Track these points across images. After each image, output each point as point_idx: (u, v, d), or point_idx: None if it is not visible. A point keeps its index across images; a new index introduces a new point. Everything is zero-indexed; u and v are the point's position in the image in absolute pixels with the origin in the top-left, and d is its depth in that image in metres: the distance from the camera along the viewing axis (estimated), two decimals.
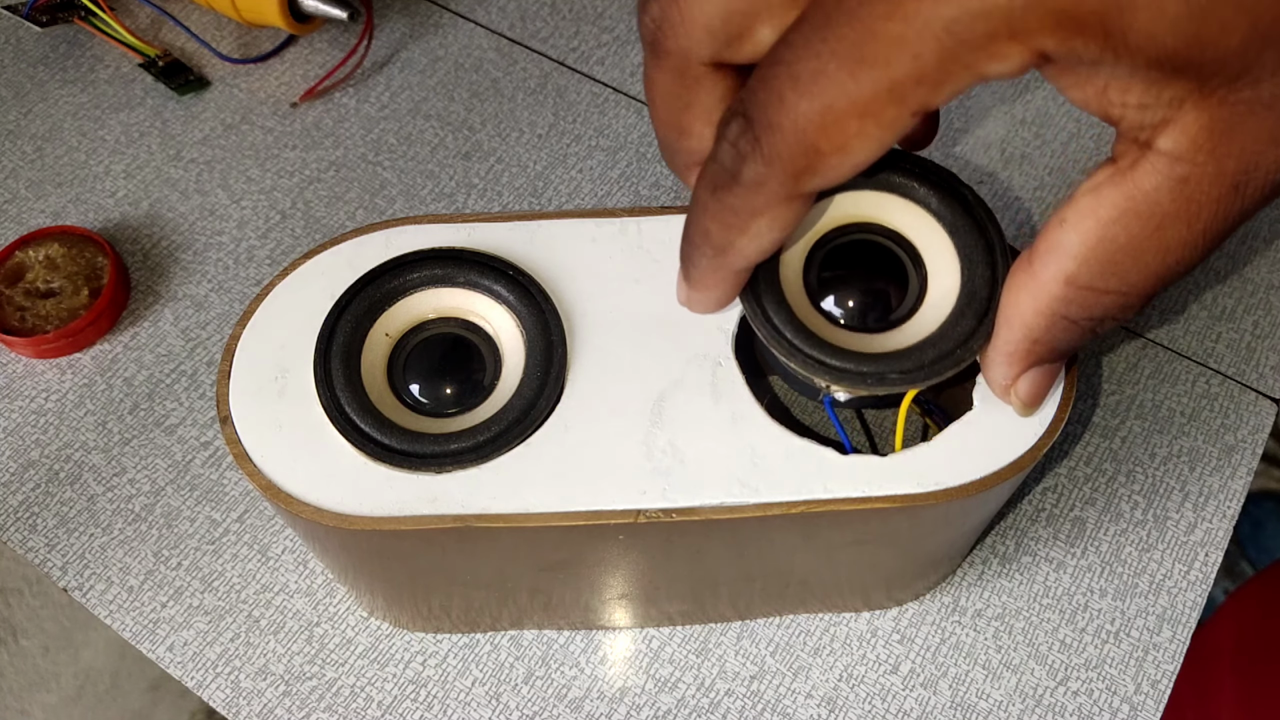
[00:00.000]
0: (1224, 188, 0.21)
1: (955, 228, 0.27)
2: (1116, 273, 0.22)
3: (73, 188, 0.46)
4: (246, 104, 0.49)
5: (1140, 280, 0.22)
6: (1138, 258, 0.22)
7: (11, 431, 0.40)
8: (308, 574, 0.37)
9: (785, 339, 0.26)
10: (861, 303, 0.27)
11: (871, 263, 0.28)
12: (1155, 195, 0.21)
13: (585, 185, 0.47)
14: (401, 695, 0.35)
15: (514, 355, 0.29)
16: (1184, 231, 0.21)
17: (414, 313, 0.29)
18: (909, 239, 0.28)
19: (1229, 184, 0.21)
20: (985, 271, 0.26)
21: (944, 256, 0.27)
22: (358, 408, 0.27)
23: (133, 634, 0.37)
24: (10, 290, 0.41)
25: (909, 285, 0.27)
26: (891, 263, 0.28)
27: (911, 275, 0.28)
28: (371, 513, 0.26)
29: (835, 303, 0.27)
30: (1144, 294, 0.22)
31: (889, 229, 0.28)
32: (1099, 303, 0.23)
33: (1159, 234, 0.21)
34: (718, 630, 0.37)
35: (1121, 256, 0.22)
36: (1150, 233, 0.21)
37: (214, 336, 0.42)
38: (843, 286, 0.27)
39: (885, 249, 0.28)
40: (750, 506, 0.26)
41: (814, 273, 0.28)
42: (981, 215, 0.27)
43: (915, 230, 0.28)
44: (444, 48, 0.51)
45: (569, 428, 0.27)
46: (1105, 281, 0.22)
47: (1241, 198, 0.21)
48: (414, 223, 0.30)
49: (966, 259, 0.26)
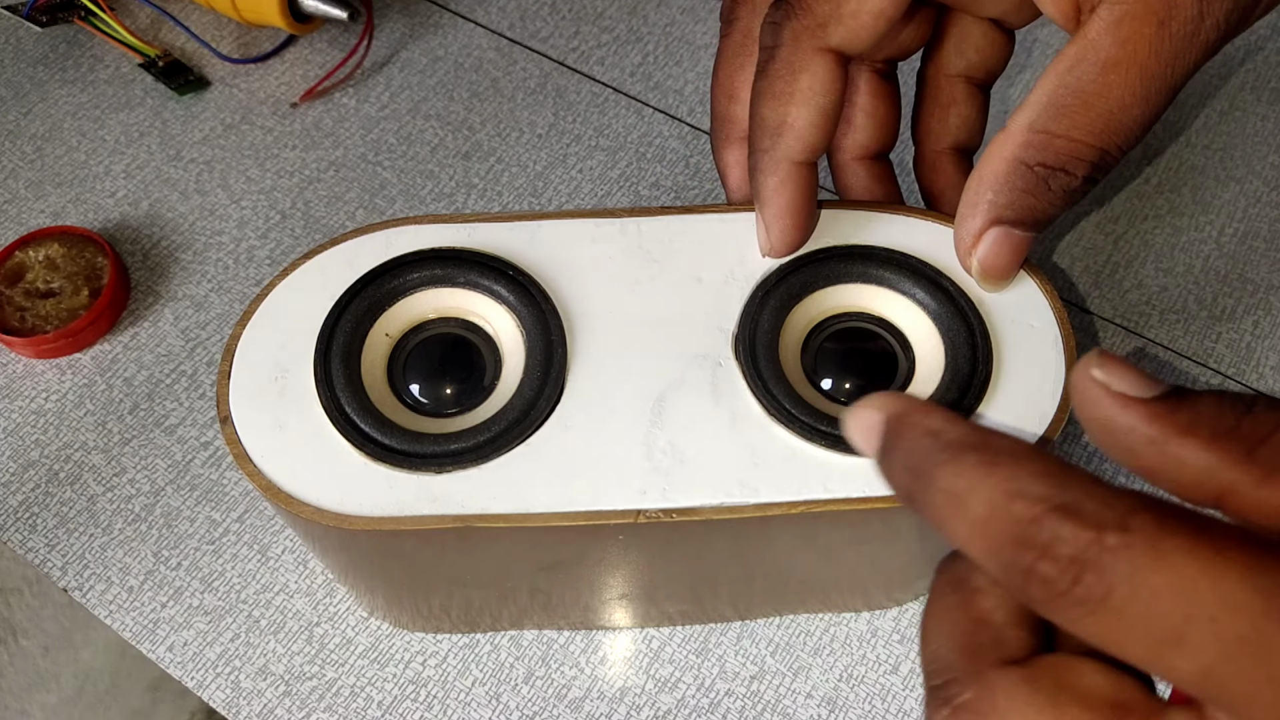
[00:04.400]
0: (1152, 25, 0.24)
1: (939, 315, 0.29)
2: (1068, 116, 0.25)
3: (73, 188, 0.46)
4: (246, 104, 0.49)
5: (1090, 125, 0.25)
6: (1086, 102, 0.24)
7: (11, 431, 0.40)
8: (308, 574, 0.37)
9: (785, 409, 0.27)
10: (854, 381, 0.29)
11: (863, 348, 0.30)
12: (1099, 40, 0.24)
13: (585, 185, 0.47)
14: (401, 695, 0.35)
15: (514, 355, 0.29)
16: (1124, 75, 0.24)
17: (414, 313, 0.29)
18: (897, 326, 0.30)
19: (1155, 21, 0.24)
20: (967, 352, 0.28)
21: (930, 341, 0.29)
22: (358, 408, 0.27)
23: (133, 634, 0.37)
24: (10, 290, 0.41)
25: (899, 366, 0.29)
26: (882, 347, 0.30)
27: (900, 357, 0.29)
28: (371, 513, 0.26)
29: (831, 383, 0.29)
30: (1096, 144, 0.25)
31: (879, 317, 0.30)
32: (1053, 147, 0.25)
33: (1103, 78, 0.24)
34: (718, 630, 0.37)
35: (1072, 100, 0.25)
36: (1095, 76, 0.24)
37: (214, 336, 0.42)
38: (837, 368, 0.29)
39: (876, 335, 0.30)
40: (750, 507, 0.26)
41: (810, 356, 0.30)
42: (962, 304, 0.29)
43: (903, 318, 0.30)
44: (444, 48, 0.51)
45: (569, 428, 0.27)
46: (1059, 124, 0.25)
47: (1170, 36, 0.24)
48: (414, 223, 0.30)
49: (950, 343, 0.28)
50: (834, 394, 0.29)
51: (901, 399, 0.22)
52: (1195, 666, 0.17)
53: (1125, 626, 0.17)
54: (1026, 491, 0.18)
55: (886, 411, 0.22)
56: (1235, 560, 0.17)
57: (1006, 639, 0.20)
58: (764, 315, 0.29)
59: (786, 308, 0.29)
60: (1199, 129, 0.49)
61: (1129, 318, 0.43)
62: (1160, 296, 0.44)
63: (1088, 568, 0.17)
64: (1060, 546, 0.18)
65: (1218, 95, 0.50)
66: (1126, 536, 0.17)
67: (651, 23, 0.52)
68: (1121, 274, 0.44)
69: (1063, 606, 0.18)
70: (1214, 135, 0.48)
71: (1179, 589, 0.17)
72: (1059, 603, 0.18)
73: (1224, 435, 0.19)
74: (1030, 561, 0.18)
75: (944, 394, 0.28)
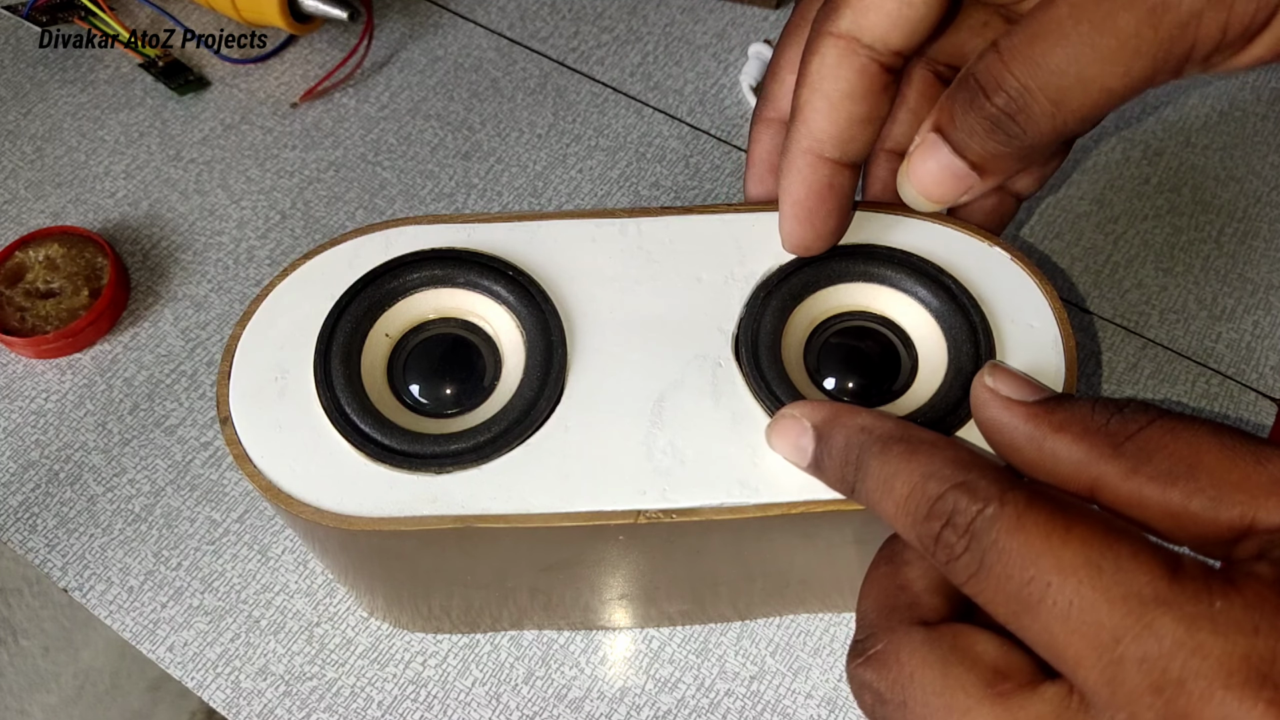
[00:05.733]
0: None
1: (941, 313, 0.29)
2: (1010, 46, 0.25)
3: (73, 188, 0.46)
4: (246, 104, 0.49)
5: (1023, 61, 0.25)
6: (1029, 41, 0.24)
7: (11, 432, 0.40)
8: (308, 574, 0.37)
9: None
10: (855, 380, 0.29)
11: (866, 346, 0.30)
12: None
13: (585, 185, 0.47)
14: (401, 695, 0.35)
15: (514, 355, 0.29)
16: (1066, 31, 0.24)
17: (414, 313, 0.29)
18: (900, 324, 0.30)
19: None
20: (970, 350, 0.28)
21: (932, 339, 0.29)
22: (358, 408, 0.27)
23: (133, 634, 0.37)
24: (10, 290, 0.41)
25: (902, 365, 0.29)
26: (885, 345, 0.30)
27: (904, 356, 0.29)
28: (372, 513, 0.26)
29: (834, 382, 0.29)
30: (1019, 78, 0.25)
31: (882, 316, 0.30)
32: (988, 63, 0.25)
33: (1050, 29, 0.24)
34: (718, 630, 0.37)
35: (1020, 35, 0.25)
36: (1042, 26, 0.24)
37: (214, 336, 0.42)
38: (841, 367, 0.29)
39: (879, 333, 0.30)
40: (751, 507, 0.26)
41: (814, 356, 0.30)
42: (964, 301, 0.29)
43: (905, 316, 0.30)
44: (444, 48, 0.51)
45: (569, 428, 0.27)
46: (1004, 46, 0.25)
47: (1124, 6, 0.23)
48: (413, 223, 0.30)
49: (953, 341, 0.28)
50: (838, 393, 0.29)
51: (824, 405, 0.25)
52: (1036, 627, 0.19)
53: (992, 587, 0.20)
54: (938, 473, 0.21)
55: (813, 418, 0.25)
56: (1078, 534, 0.19)
57: (922, 604, 0.23)
58: (766, 315, 0.29)
59: (789, 307, 0.29)
60: (1199, 129, 0.49)
61: (1129, 318, 0.43)
62: (1160, 296, 0.44)
63: (974, 535, 0.20)
64: (958, 517, 0.21)
65: (1218, 95, 0.50)
66: (1001, 508, 0.20)
67: (651, 23, 0.52)
68: (1121, 274, 0.44)
69: (957, 569, 0.21)
70: (1214, 135, 0.48)
71: (1026, 554, 0.19)
72: (955, 565, 0.21)
73: (1094, 432, 0.21)
74: (937, 529, 0.21)
75: (947, 392, 0.28)
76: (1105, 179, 0.47)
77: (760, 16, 0.52)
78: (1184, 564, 0.18)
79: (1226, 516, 0.20)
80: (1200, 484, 0.20)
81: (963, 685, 0.21)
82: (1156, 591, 0.18)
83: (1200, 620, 0.17)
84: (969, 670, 0.21)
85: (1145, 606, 0.18)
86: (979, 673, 0.21)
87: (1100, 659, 0.18)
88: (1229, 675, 0.17)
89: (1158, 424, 0.21)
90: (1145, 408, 0.21)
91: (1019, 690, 0.20)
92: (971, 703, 0.20)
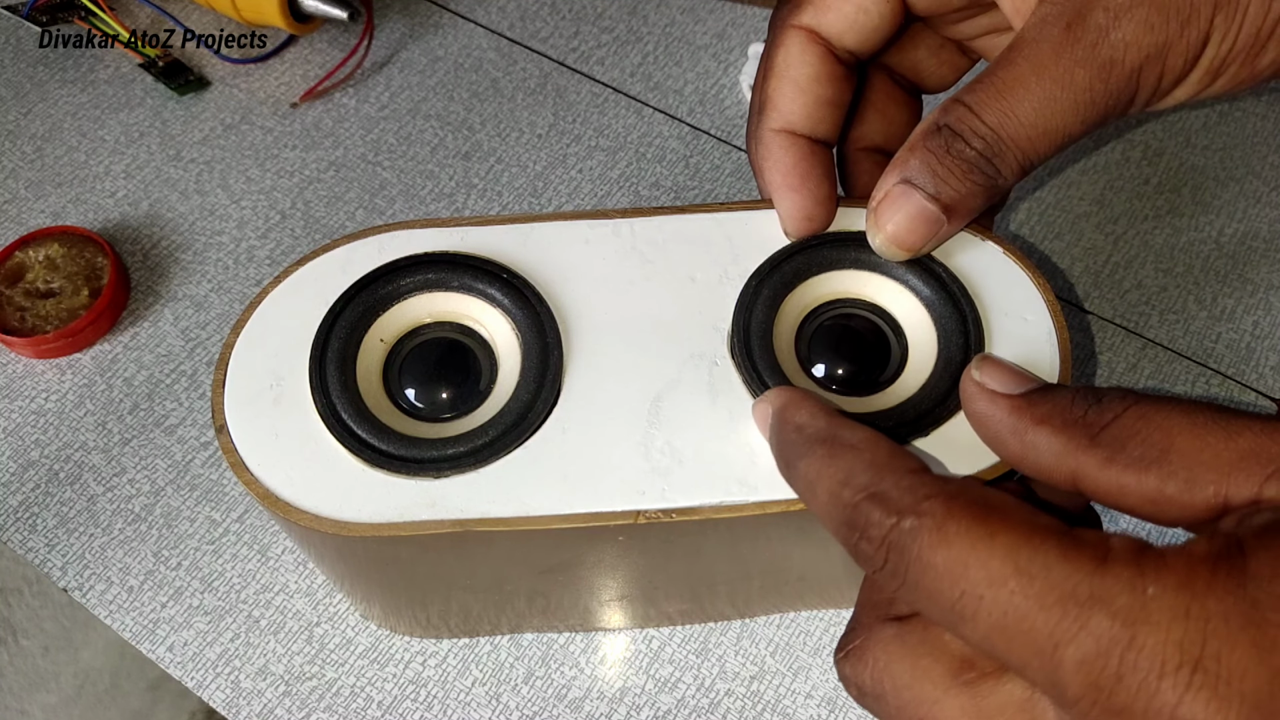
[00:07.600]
0: (1059, 27, 0.25)
1: (931, 301, 0.29)
2: (979, 92, 0.26)
3: (73, 188, 0.46)
4: (246, 104, 0.49)
5: (992, 105, 0.26)
6: (995, 86, 0.26)
7: (11, 431, 0.40)
8: (308, 574, 0.37)
9: None
10: (844, 367, 0.29)
11: (856, 334, 0.30)
12: (1022, 35, 0.26)
13: (585, 185, 0.47)
14: (401, 695, 0.36)
15: (510, 358, 0.28)
16: (1028, 68, 0.26)
17: (409, 318, 0.29)
18: (890, 313, 0.30)
19: (1064, 23, 0.25)
20: (960, 340, 0.28)
21: (922, 327, 0.29)
22: (354, 414, 0.27)
23: (133, 634, 0.37)
24: (10, 290, 0.42)
25: (891, 353, 0.29)
26: (875, 333, 0.30)
27: (894, 343, 0.29)
28: (370, 519, 0.26)
29: (824, 370, 0.29)
30: (991, 124, 0.26)
31: (872, 304, 0.30)
32: (956, 112, 0.26)
33: (1010, 69, 0.26)
34: (718, 630, 0.37)
35: (986, 80, 0.26)
36: (1008, 67, 0.26)
37: (214, 337, 0.42)
38: (830, 354, 0.29)
39: (869, 321, 0.30)
40: (750, 505, 0.26)
41: (804, 344, 0.29)
42: (955, 290, 0.29)
43: (896, 304, 0.30)
44: (444, 48, 0.51)
45: (566, 430, 0.27)
46: (970, 96, 0.26)
47: (1073, 41, 0.25)
48: (407, 227, 0.30)
49: (943, 330, 0.28)
50: (826, 381, 0.29)
51: (784, 393, 0.25)
52: (977, 636, 0.19)
53: (924, 600, 0.20)
54: (853, 480, 0.21)
55: (774, 405, 0.25)
56: (1003, 541, 0.19)
57: (896, 600, 0.23)
58: (759, 303, 0.28)
59: (781, 295, 0.29)
60: (1199, 129, 0.49)
61: (1129, 318, 0.43)
62: (1160, 296, 0.44)
63: (891, 548, 0.20)
64: (871, 529, 0.20)
65: None
66: (917, 520, 0.20)
67: (651, 23, 0.52)
68: (1121, 274, 0.44)
69: (882, 580, 0.21)
70: (1214, 135, 0.48)
71: (954, 569, 0.19)
72: (879, 577, 0.21)
73: (1073, 423, 0.21)
74: (855, 541, 0.21)
75: (936, 381, 0.28)
76: (1105, 179, 0.47)
77: (760, 16, 0.52)
78: (1113, 550, 0.19)
79: (1201, 497, 0.20)
80: (1173, 467, 0.20)
81: (930, 676, 0.21)
82: (1091, 589, 0.18)
83: (1133, 612, 0.18)
84: (936, 661, 0.21)
85: (1080, 608, 0.18)
86: (946, 663, 0.21)
87: (1043, 664, 0.18)
88: (1163, 665, 0.17)
89: (1132, 410, 0.21)
90: (1123, 395, 0.21)
91: (984, 679, 0.21)
92: (939, 693, 0.21)
